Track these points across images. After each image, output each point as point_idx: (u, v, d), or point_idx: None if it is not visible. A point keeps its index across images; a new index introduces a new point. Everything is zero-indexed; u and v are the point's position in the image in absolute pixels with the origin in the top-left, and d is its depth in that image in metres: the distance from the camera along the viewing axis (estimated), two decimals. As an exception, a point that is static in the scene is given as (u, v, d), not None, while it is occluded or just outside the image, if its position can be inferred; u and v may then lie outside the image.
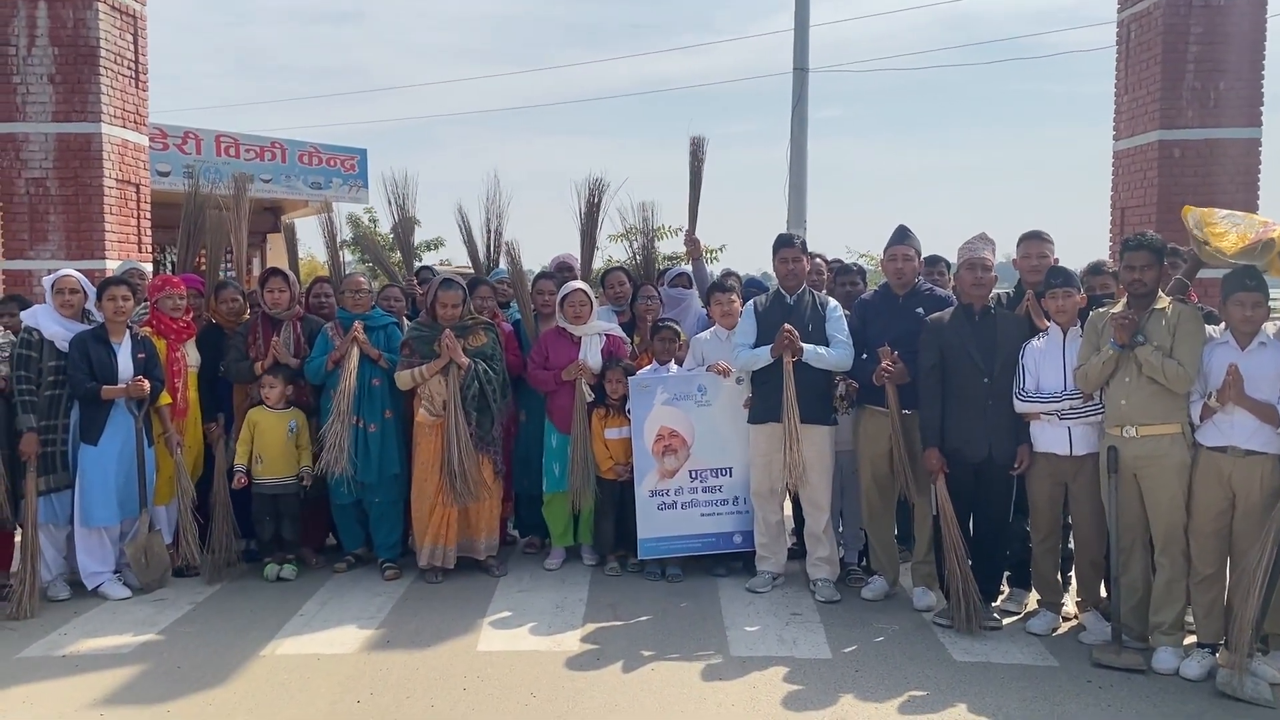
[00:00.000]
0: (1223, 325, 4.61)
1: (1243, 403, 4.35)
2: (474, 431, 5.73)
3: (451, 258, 22.86)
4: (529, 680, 4.46)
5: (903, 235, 5.57)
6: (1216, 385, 4.44)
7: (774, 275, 5.87)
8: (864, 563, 5.93)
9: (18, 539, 5.63)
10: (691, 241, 6.90)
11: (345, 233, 14.13)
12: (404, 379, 5.78)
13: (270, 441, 5.91)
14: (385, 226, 20.44)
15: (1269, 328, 4.55)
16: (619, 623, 5.19)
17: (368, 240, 10.42)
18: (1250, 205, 9.25)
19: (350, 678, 4.49)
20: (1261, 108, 9.65)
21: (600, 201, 6.80)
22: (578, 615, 5.28)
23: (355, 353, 5.85)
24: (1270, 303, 4.55)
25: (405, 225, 7.21)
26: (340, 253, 7.04)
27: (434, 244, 20.64)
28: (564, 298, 6.07)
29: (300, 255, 8.20)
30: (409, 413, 5.95)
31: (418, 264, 7.95)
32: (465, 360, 5.72)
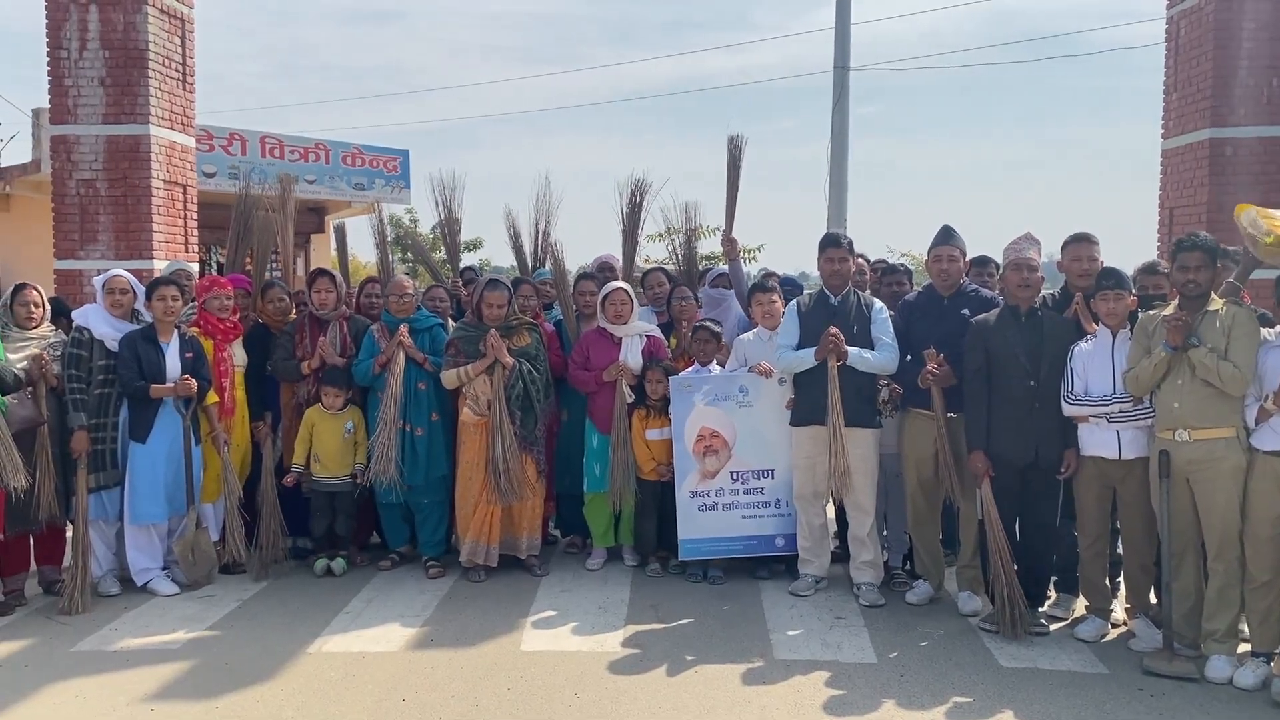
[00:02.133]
0: (1278, 328, 4.53)
1: (1300, 405, 4.27)
2: (518, 431, 5.77)
3: (490, 257, 22.99)
4: (573, 680, 4.47)
5: (947, 235, 5.52)
6: (1272, 388, 4.36)
7: (813, 274, 5.83)
8: (908, 567, 5.89)
9: (69, 535, 5.74)
10: (729, 241, 6.88)
11: (389, 233, 14.28)
12: (450, 378, 5.82)
13: (328, 442, 5.99)
14: (426, 227, 20.72)
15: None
16: (661, 625, 5.19)
17: (413, 240, 10.49)
18: (1306, 205, 9.04)
19: (395, 676, 4.53)
20: (1318, 104, 9.42)
21: (642, 201, 6.83)
22: (620, 616, 5.29)
23: (401, 357, 5.89)
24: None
25: (451, 225, 7.26)
26: (390, 254, 7.09)
27: (473, 244, 20.81)
28: (605, 297, 6.09)
29: (348, 254, 8.27)
30: (455, 413, 5.99)
31: (462, 264, 8.01)
32: (510, 360, 5.76)
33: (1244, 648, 4.60)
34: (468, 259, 22.21)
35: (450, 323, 6.34)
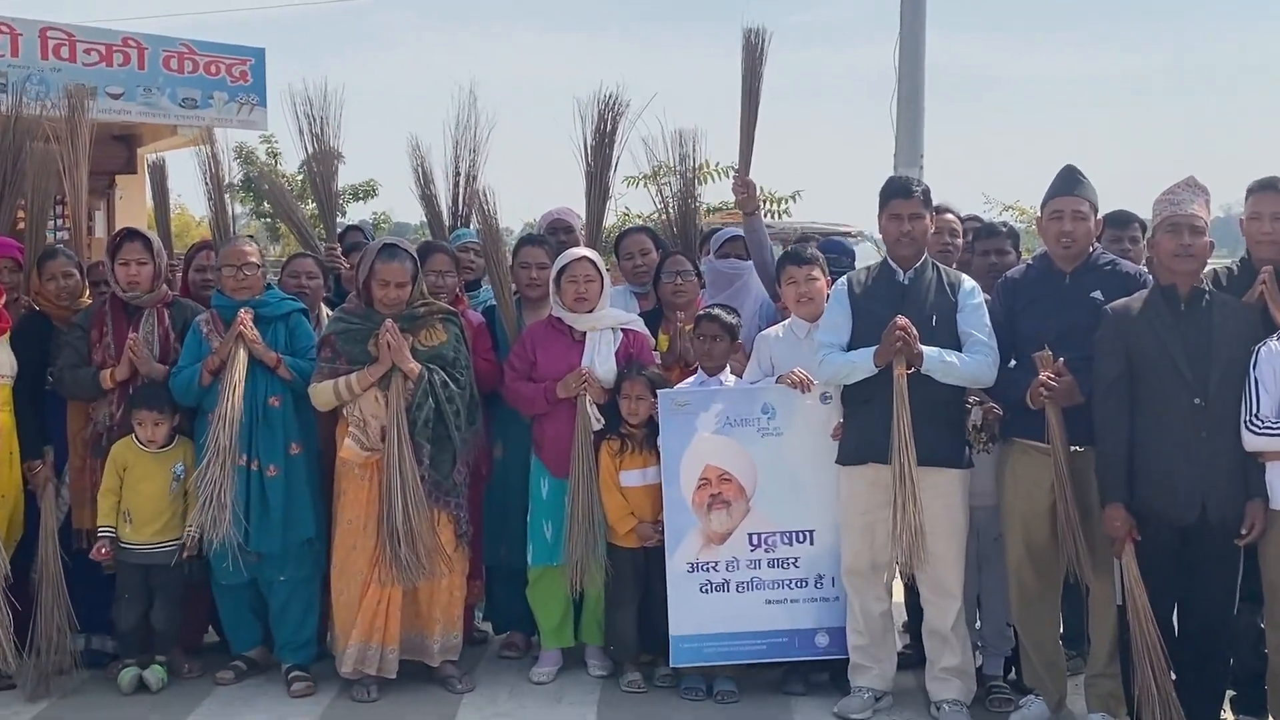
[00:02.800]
0: None
1: None
2: (427, 474, 5.74)
3: (391, 210, 22.95)
4: None
5: (1071, 182, 5.52)
6: None
7: (875, 237, 5.83)
8: (1013, 676, 5.90)
9: None
10: (744, 187, 6.87)
11: (235, 173, 14.19)
12: (324, 393, 5.79)
13: (145, 493, 5.95)
14: (293, 164, 20.63)
15: None
16: (644, 765, 5.19)
17: (272, 185, 10.43)
18: None
19: None
20: None
21: (616, 129, 6.82)
22: (581, 753, 5.29)
23: (242, 357, 5.85)
24: None
25: (324, 162, 7.24)
26: (229, 204, 7.04)
27: (364, 191, 20.74)
28: (561, 272, 6.08)
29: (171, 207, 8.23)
30: (329, 447, 5.96)
31: (342, 221, 7.99)
32: (415, 366, 5.73)
33: None
34: (355, 213, 22.08)
35: (324, 310, 6.30)
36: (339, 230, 7.38)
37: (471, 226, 6.90)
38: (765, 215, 14.05)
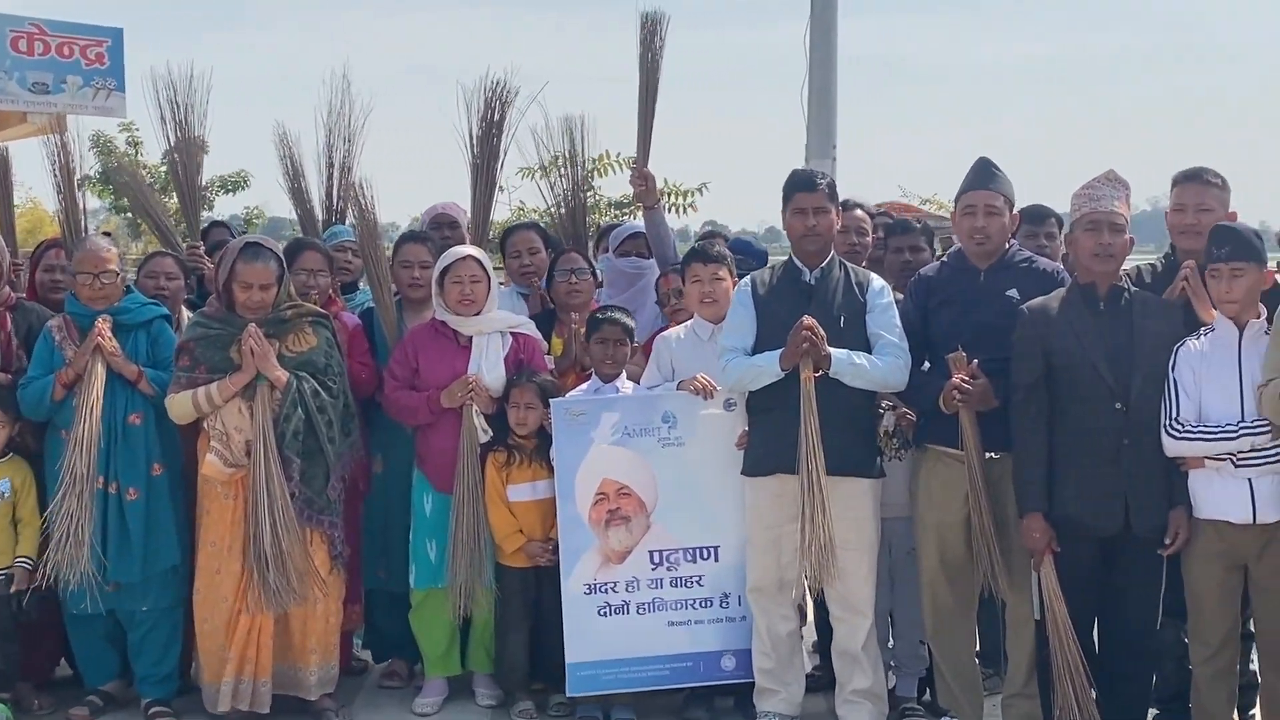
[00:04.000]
0: None
1: None
2: (297, 490, 5.70)
3: (266, 204, 22.71)
4: None
5: (986, 175, 5.60)
6: None
7: (784, 235, 5.87)
8: (927, 697, 5.96)
9: None
10: (642, 179, 6.89)
11: (90, 164, 13.95)
12: (182, 405, 5.72)
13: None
14: (156, 154, 20.32)
15: None
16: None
17: (131, 178, 10.27)
18: None
19: None
20: None
21: (504, 117, 6.80)
22: (468, 790, 5.27)
23: (100, 371, 5.76)
24: None
25: (188, 153, 7.14)
26: (80, 200, 6.92)
27: (235, 183, 20.52)
28: (445, 272, 6.05)
29: (15, 200, 8.08)
30: (193, 465, 5.88)
31: (209, 216, 7.89)
32: (282, 374, 5.69)
33: None
34: (225, 207, 21.82)
35: (185, 314, 6.24)
36: (202, 227, 7.27)
37: (347, 222, 6.83)
38: (671, 210, 14.18)
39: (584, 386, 6.05)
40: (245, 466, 5.68)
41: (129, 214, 20.19)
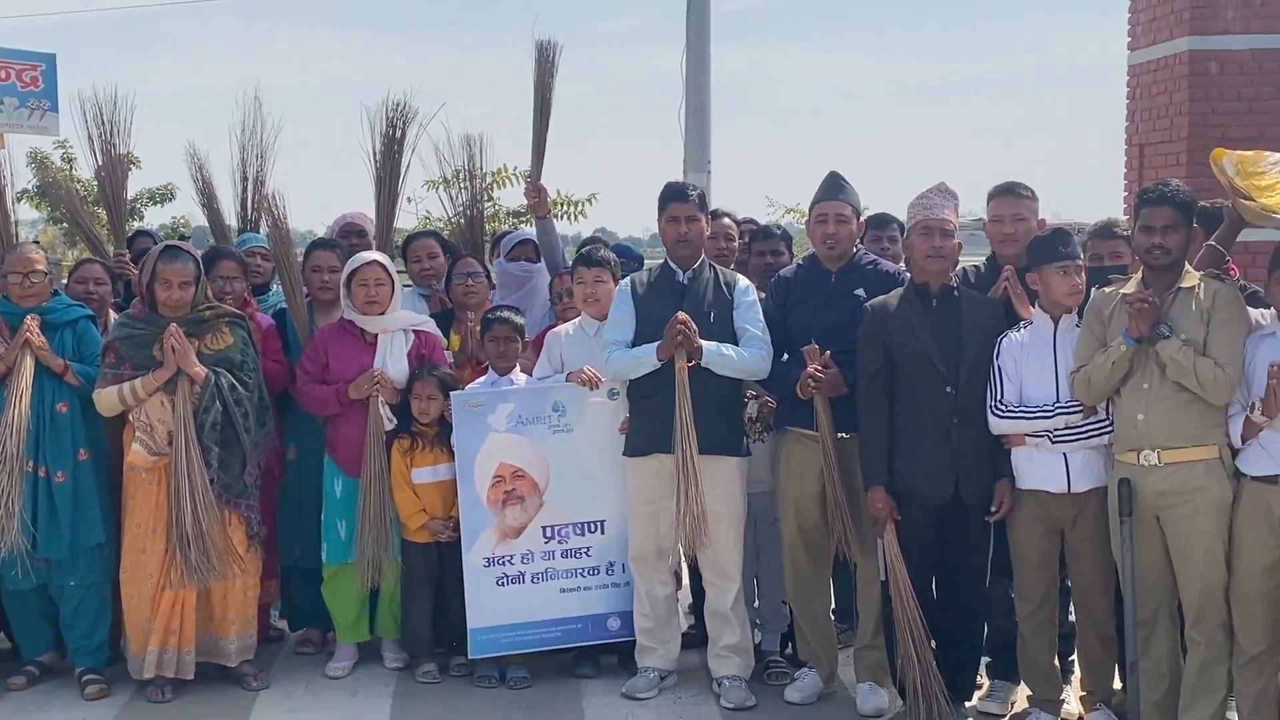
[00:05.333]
0: (1272, 310, 4.84)
1: (1296, 414, 4.58)
2: (216, 476, 5.64)
3: (191, 215, 22.25)
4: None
5: (835, 187, 5.68)
6: (1261, 391, 4.65)
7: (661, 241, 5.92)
8: (789, 651, 6.03)
9: None
10: (535, 191, 6.91)
11: (26, 179, 13.63)
12: (108, 399, 5.64)
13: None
14: (88, 170, 19.83)
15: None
16: (435, 753, 5.17)
17: (58, 191, 10.06)
18: (1311, 140, 9.73)
19: None
20: (1326, 5, 10.16)
21: (404, 135, 6.77)
22: (376, 745, 5.24)
23: (29, 364, 5.68)
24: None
25: (113, 168, 7.04)
26: (11, 211, 6.80)
27: (163, 195, 20.10)
28: (352, 275, 6.00)
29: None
30: (117, 452, 5.81)
31: (135, 227, 7.78)
32: (201, 370, 5.62)
33: (1233, 744, 4.92)
34: (154, 217, 21.38)
35: (112, 316, 6.14)
36: (128, 236, 7.18)
37: (262, 230, 6.77)
38: (564, 218, 14.15)
39: (481, 379, 6.03)
40: (168, 455, 5.60)
41: (64, 225, 19.75)
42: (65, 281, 6.37)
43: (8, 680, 5.88)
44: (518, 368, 6.04)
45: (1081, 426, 5.02)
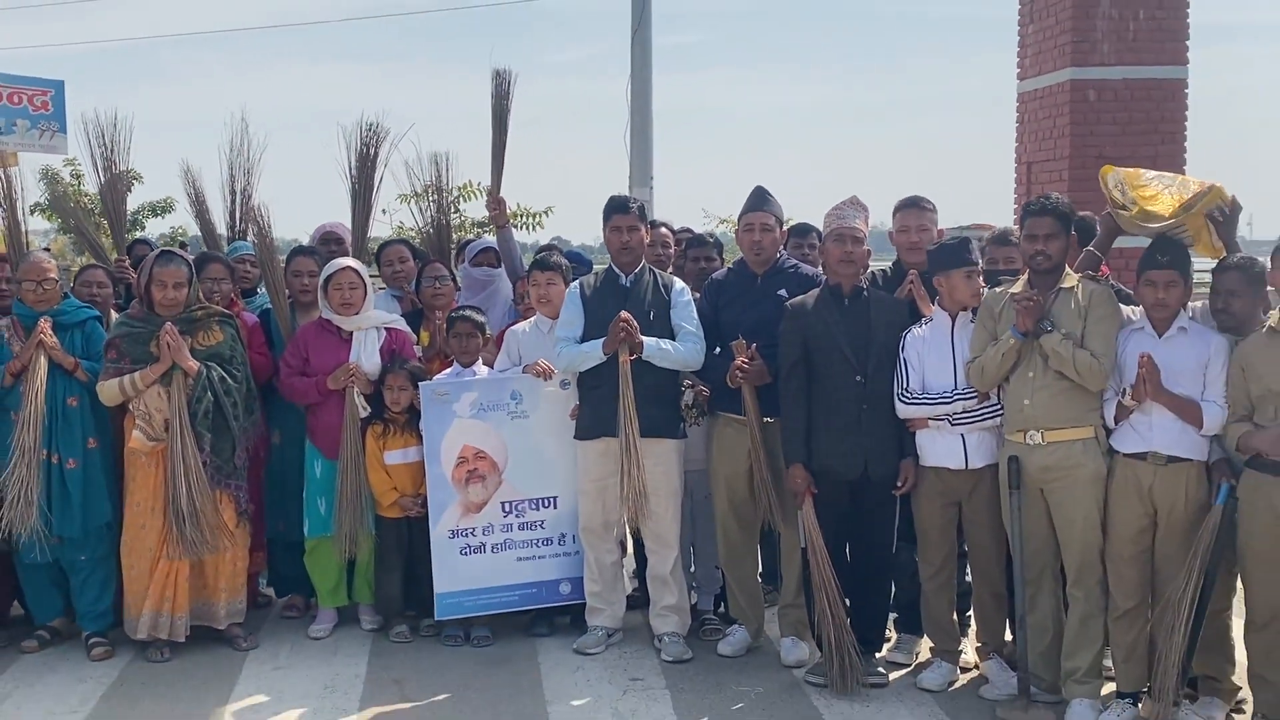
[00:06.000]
0: (1139, 308, 4.91)
1: (1161, 399, 4.64)
2: (208, 459, 5.59)
3: (187, 225, 22.01)
4: (286, 786, 4.38)
5: (761, 200, 5.70)
6: (1131, 379, 4.71)
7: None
8: (722, 610, 6.04)
9: None
10: (495, 204, 6.89)
11: (38, 194, 13.45)
12: (110, 391, 5.58)
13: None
14: (94, 185, 19.56)
15: (1194, 307, 4.87)
16: (407, 704, 5.15)
17: (64, 203, 9.94)
18: (1175, 158, 9.88)
19: (38, 797, 4.31)
20: (1187, 42, 10.29)
21: (376, 153, 6.74)
22: (353, 697, 5.22)
23: (43, 363, 5.61)
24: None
25: (114, 184, 6.96)
26: (23, 222, 6.70)
27: (162, 208, 19.88)
28: (329, 279, 5.96)
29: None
30: (121, 439, 5.75)
31: (138, 235, 7.69)
32: (194, 364, 5.57)
33: (1109, 688, 4.97)
34: (154, 227, 21.16)
35: (114, 316, 6.07)
36: (128, 244, 7.10)
37: (249, 239, 6.71)
38: (523, 227, 14.11)
39: (447, 371, 6.00)
40: (165, 440, 5.56)
41: (72, 234, 19.52)
42: (72, 285, 6.27)
43: (22, 643, 5.82)
44: (480, 361, 6.01)
45: (976, 411, 5.06)
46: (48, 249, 7.04)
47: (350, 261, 6.10)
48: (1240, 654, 4.87)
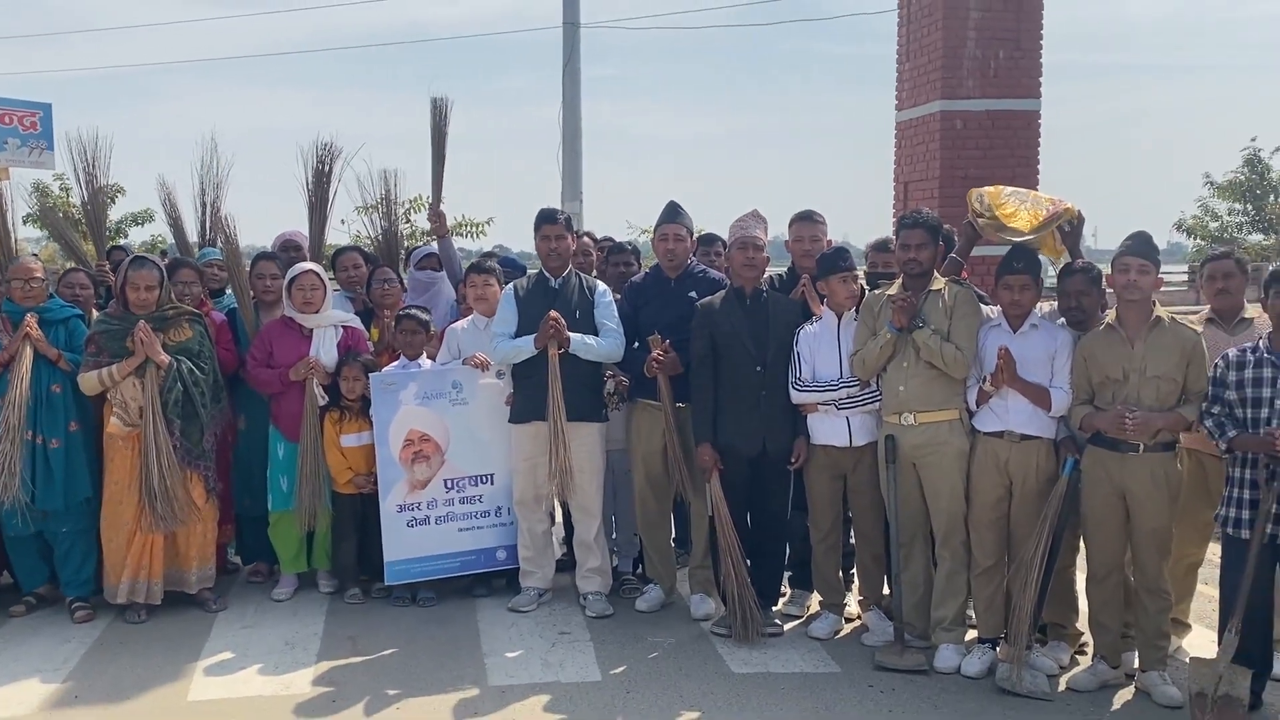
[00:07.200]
0: (997, 307, 4.97)
1: (1015, 385, 4.71)
2: (178, 443, 5.47)
3: (166, 234, 21.62)
4: (249, 733, 4.28)
5: (673, 213, 5.69)
6: (990, 368, 4.77)
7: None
8: (639, 571, 6.03)
9: None
10: (436, 216, 6.82)
11: (28, 206, 13.10)
12: (89, 381, 5.43)
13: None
14: (79, 197, 19.12)
15: (1043, 308, 4.95)
16: (360, 658, 5.08)
17: (50, 214, 9.68)
18: (1029, 179, 10.04)
19: (24, 747, 4.17)
20: (1040, 79, 10.49)
21: (331, 169, 6.65)
22: (311, 652, 5.13)
23: (29, 354, 5.46)
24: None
25: (95, 196, 6.78)
26: (12, 230, 6.50)
27: (142, 218, 19.50)
28: (292, 282, 5.84)
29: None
30: (101, 424, 5.60)
31: (118, 242, 7.49)
32: (165, 358, 5.44)
33: (972, 635, 5.04)
34: (136, 236, 20.76)
35: (95, 315, 5.89)
36: (107, 250, 6.93)
37: (217, 245, 6.57)
38: (467, 235, 14.00)
39: (395, 364, 5.90)
40: (139, 426, 5.42)
41: (59, 241, 19.17)
42: (56, 286, 6.10)
43: (9, 609, 5.66)
44: (424, 355, 5.93)
45: (859, 396, 5.09)
46: (36, 255, 6.82)
47: (312, 266, 6.00)
48: (1083, 604, 4.96)
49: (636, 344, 5.57)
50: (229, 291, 6.35)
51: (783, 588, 5.68)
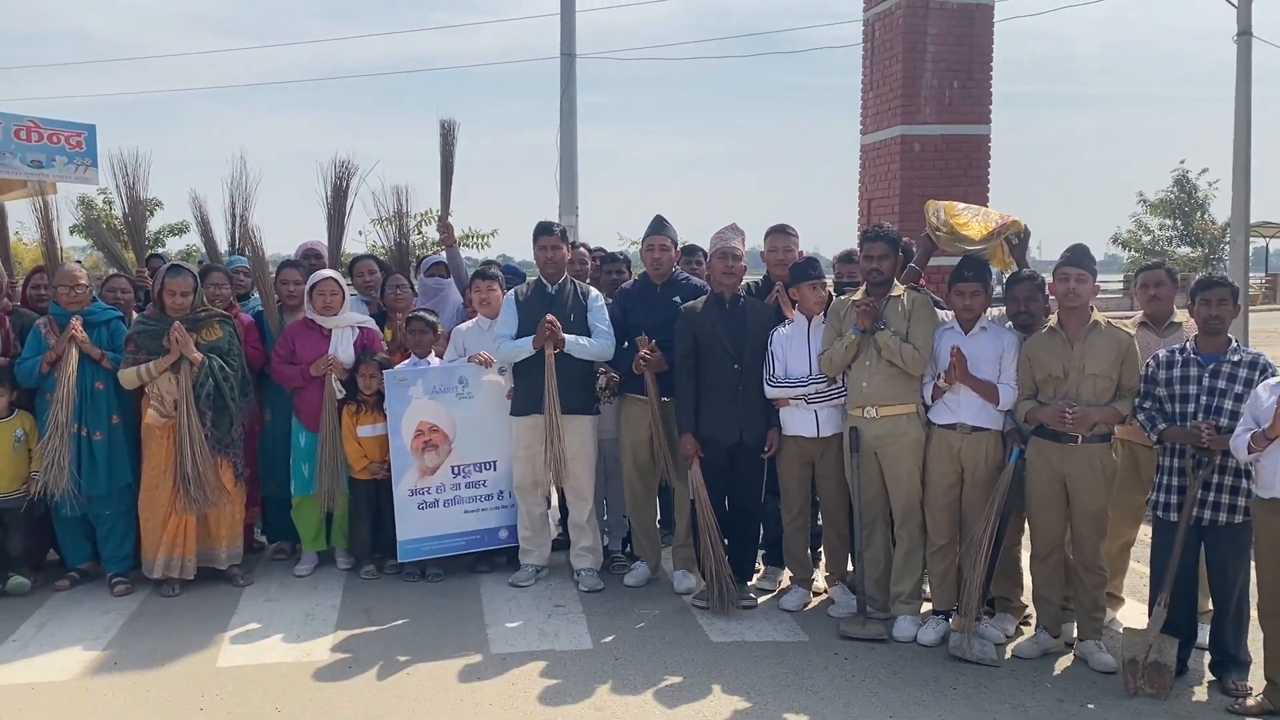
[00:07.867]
0: (951, 312, 4.99)
1: (967, 382, 4.73)
2: (210, 432, 5.45)
3: (200, 244, 21.55)
4: (273, 694, 4.28)
5: (660, 225, 5.69)
6: (944, 367, 4.79)
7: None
8: (628, 549, 6.03)
9: None
10: (444, 228, 6.80)
11: (74, 217, 13.00)
12: (129, 377, 5.41)
13: (-5, 453, 5.44)
14: (120, 210, 19.02)
15: (992, 312, 4.97)
16: (374, 628, 5.07)
17: (95, 225, 9.63)
18: (981, 197, 10.09)
19: (69, 707, 4.16)
20: (990, 106, 10.53)
21: (348, 185, 6.61)
22: (329, 623, 5.12)
23: (74, 353, 5.43)
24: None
25: (136, 209, 6.74)
26: (58, 239, 6.46)
27: (179, 229, 19.43)
28: (313, 287, 5.83)
29: (13, 239, 7.49)
30: (139, 416, 5.58)
31: (156, 250, 7.45)
32: (198, 355, 5.41)
33: (927, 607, 5.05)
34: (173, 245, 20.71)
35: (135, 316, 5.88)
36: (146, 258, 6.91)
37: (245, 254, 6.55)
38: (473, 246, 13.96)
39: (407, 361, 5.89)
40: (174, 417, 5.40)
41: (102, 250, 19.12)
42: (99, 291, 6.08)
43: (56, 583, 5.62)
44: (433, 353, 5.92)
45: (826, 392, 5.11)
46: (80, 262, 6.79)
47: (332, 272, 5.99)
48: (1027, 579, 4.98)
49: (626, 344, 5.58)
50: (255, 295, 6.33)
51: (757, 564, 5.68)
